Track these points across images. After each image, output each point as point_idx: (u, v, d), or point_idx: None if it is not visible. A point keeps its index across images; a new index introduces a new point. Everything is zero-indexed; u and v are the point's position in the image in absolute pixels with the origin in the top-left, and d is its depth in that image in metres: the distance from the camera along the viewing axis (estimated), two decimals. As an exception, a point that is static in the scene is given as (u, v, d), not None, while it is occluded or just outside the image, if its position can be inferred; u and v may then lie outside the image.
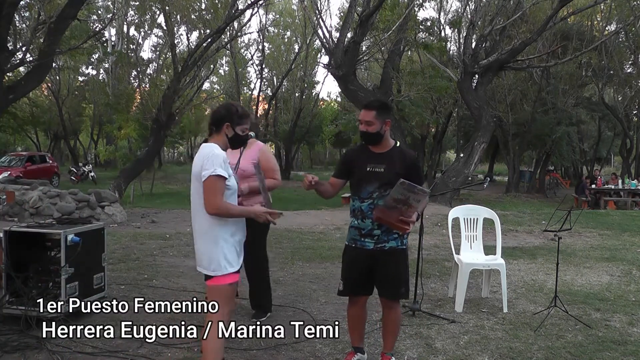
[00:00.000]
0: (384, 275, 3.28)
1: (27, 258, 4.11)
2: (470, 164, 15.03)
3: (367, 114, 3.21)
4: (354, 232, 3.31)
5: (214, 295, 2.89)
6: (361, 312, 3.45)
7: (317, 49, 31.14)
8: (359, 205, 3.25)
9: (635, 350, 3.87)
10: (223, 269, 2.87)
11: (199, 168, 2.85)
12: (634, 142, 28.38)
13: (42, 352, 3.58)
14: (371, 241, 3.25)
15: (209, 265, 2.89)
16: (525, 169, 29.28)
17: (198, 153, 2.94)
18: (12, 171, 18.37)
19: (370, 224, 3.22)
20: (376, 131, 3.21)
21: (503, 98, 23.66)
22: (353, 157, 3.38)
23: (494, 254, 5.07)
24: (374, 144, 3.28)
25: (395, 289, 3.30)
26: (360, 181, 3.25)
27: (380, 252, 3.25)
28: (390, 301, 3.35)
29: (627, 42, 23.99)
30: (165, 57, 32.37)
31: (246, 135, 3.06)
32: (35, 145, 36.40)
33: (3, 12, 10.25)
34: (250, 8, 18.25)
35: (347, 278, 3.36)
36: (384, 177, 3.19)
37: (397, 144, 3.36)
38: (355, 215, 3.28)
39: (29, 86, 12.75)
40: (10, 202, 9.79)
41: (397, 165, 3.20)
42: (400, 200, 3.02)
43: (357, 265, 3.30)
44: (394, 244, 3.27)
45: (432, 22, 22.45)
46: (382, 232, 3.23)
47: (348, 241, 3.37)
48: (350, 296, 3.40)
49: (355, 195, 3.29)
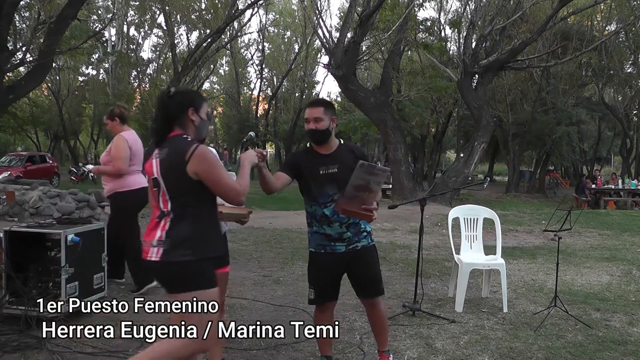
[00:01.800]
0: (362, 275, 3.23)
1: (27, 258, 4.11)
2: (470, 164, 15.03)
3: (315, 111, 3.11)
4: (320, 238, 3.17)
5: None
6: (330, 319, 3.32)
7: (317, 49, 31.19)
8: (321, 211, 3.13)
9: (635, 350, 3.87)
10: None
11: None
12: (634, 142, 28.39)
13: (42, 352, 3.58)
14: (342, 244, 3.16)
15: None
16: (525, 169, 29.31)
17: None
18: (12, 171, 18.34)
19: (338, 227, 3.12)
20: (325, 128, 3.11)
21: (503, 98, 23.66)
22: (302, 160, 3.22)
23: (494, 254, 5.06)
24: (323, 142, 3.16)
25: (376, 286, 3.25)
26: (319, 186, 3.12)
27: (353, 253, 3.18)
28: (374, 299, 3.29)
29: (627, 42, 24.00)
30: (165, 57, 32.43)
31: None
32: (36, 145, 36.39)
33: (3, 12, 10.25)
34: (250, 8, 18.30)
35: (319, 285, 3.23)
36: (339, 177, 3.09)
37: (342, 141, 3.28)
38: (320, 221, 3.15)
39: (29, 86, 12.75)
40: (10, 202, 9.79)
41: (350, 162, 3.08)
42: (361, 187, 2.92)
43: (329, 270, 3.20)
44: (365, 242, 3.22)
45: (432, 22, 22.47)
46: (352, 234, 3.16)
47: (314, 248, 3.22)
48: (322, 304, 3.28)
49: (314, 202, 3.15)
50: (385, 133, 15.59)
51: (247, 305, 4.78)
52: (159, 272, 2.51)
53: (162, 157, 2.51)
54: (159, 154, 2.54)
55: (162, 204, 2.49)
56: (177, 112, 2.57)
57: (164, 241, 2.43)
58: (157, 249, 2.44)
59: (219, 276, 2.94)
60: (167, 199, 2.48)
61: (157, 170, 2.52)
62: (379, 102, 15.31)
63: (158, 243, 2.45)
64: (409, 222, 10.40)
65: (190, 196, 2.46)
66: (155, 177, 2.52)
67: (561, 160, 26.51)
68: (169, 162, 2.47)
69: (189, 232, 2.43)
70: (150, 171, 2.56)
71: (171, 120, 2.57)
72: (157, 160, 2.53)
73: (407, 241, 8.54)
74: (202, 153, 2.43)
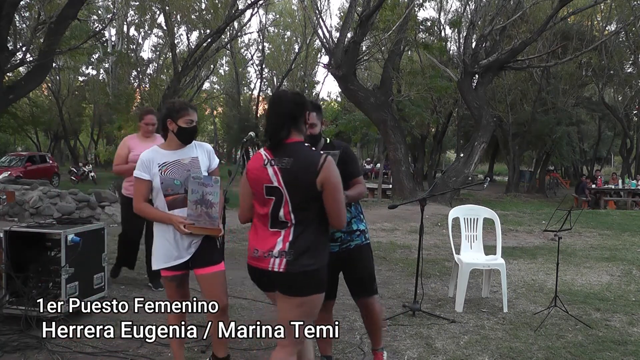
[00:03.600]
0: (356, 275, 3.23)
1: (27, 258, 4.11)
2: (470, 163, 15.04)
3: (310, 117, 3.11)
4: None
5: None
6: (329, 318, 3.33)
7: (317, 49, 31.21)
8: None
9: (635, 350, 3.87)
10: (154, 265, 3.08)
11: None
12: (634, 142, 28.39)
13: (42, 352, 3.58)
14: (335, 244, 3.16)
15: None
16: (525, 169, 29.29)
17: None
18: (12, 171, 18.36)
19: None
20: (318, 133, 3.16)
21: (503, 98, 23.66)
22: None
23: (494, 254, 5.06)
24: (314, 146, 3.20)
25: (370, 285, 3.26)
26: None
27: (346, 252, 3.19)
28: (368, 298, 3.30)
29: (627, 42, 24.00)
30: (165, 57, 32.42)
31: (193, 126, 3.08)
32: (36, 145, 36.40)
33: (3, 12, 10.25)
34: (250, 8, 18.29)
35: None
36: None
37: (328, 140, 3.27)
38: None
39: (29, 86, 12.75)
40: (10, 202, 9.79)
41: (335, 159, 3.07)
42: (199, 201, 2.92)
43: None
44: (359, 241, 3.23)
45: (432, 22, 22.45)
46: (344, 233, 3.17)
47: None
48: None
49: None
50: (385, 133, 15.60)
51: (247, 305, 4.77)
52: (282, 281, 2.46)
53: (286, 167, 2.41)
54: (276, 161, 2.44)
55: (283, 215, 2.44)
56: (299, 116, 2.49)
57: (287, 252, 2.41)
58: (280, 260, 2.42)
59: (212, 276, 3.06)
60: (290, 210, 2.43)
61: (277, 179, 2.42)
62: (379, 102, 15.31)
63: (280, 254, 2.42)
64: (409, 222, 10.40)
65: (314, 207, 2.44)
66: (273, 186, 2.44)
67: (561, 160, 26.51)
68: (297, 172, 2.40)
69: (311, 243, 2.43)
70: (265, 178, 2.46)
71: (292, 124, 2.47)
72: (277, 169, 2.43)
73: (407, 241, 8.54)
74: (332, 166, 2.43)
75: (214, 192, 2.93)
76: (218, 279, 3.07)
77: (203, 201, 2.92)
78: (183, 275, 3.09)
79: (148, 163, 3.02)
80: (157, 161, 3.02)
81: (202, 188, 2.92)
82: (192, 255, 3.03)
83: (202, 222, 2.94)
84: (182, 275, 3.09)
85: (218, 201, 2.94)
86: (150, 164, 3.02)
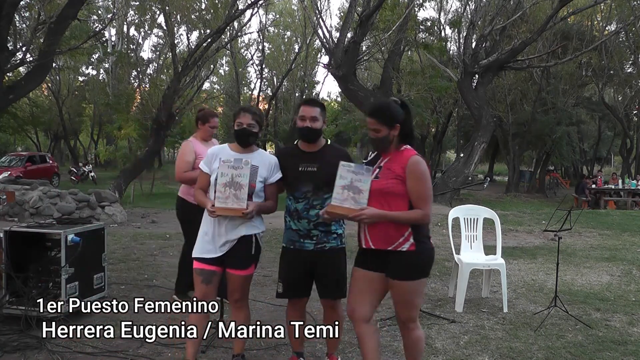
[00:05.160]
0: (326, 276, 3.22)
1: (27, 258, 4.12)
2: (470, 163, 15.04)
3: (313, 110, 3.15)
4: (291, 233, 3.21)
5: None
6: (302, 315, 3.35)
7: (317, 49, 31.18)
8: (295, 205, 3.18)
9: (635, 350, 3.87)
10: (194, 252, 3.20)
11: None
12: (634, 142, 28.39)
13: (42, 352, 3.58)
14: (311, 242, 3.17)
15: None
16: (525, 169, 29.30)
17: None
18: (12, 171, 18.39)
19: (306, 224, 3.14)
20: (319, 128, 3.17)
21: (503, 98, 23.67)
22: (282, 157, 3.30)
23: (494, 254, 5.06)
24: (314, 141, 3.21)
25: (339, 288, 3.25)
26: (294, 181, 3.18)
27: (320, 252, 3.18)
28: (333, 301, 3.30)
29: (627, 42, 24.01)
30: (165, 57, 32.37)
31: (242, 129, 3.17)
32: (36, 145, 36.41)
33: (3, 12, 10.24)
34: (250, 8, 18.25)
35: (287, 280, 3.25)
36: (317, 176, 3.12)
37: (329, 141, 3.31)
38: (292, 215, 3.19)
39: (29, 86, 12.74)
40: (10, 202, 9.79)
41: (331, 163, 2.99)
42: (228, 184, 2.99)
43: (297, 266, 3.21)
44: (335, 243, 3.22)
45: (432, 22, 22.49)
46: (322, 233, 3.17)
47: (285, 243, 3.27)
48: (291, 299, 3.32)
49: (291, 195, 3.22)
50: (385, 133, 15.56)
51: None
52: (412, 260, 2.82)
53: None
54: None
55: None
56: (410, 125, 2.97)
57: (413, 235, 2.82)
58: (407, 241, 2.82)
59: (237, 278, 3.22)
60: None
61: None
62: (379, 102, 15.28)
63: (407, 236, 2.82)
64: (409, 222, 10.38)
65: None
66: None
67: (561, 160, 26.53)
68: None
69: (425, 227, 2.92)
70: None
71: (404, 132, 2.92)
72: None
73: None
74: None
75: (244, 174, 3.00)
76: (243, 281, 3.21)
77: (232, 183, 3.00)
78: (211, 272, 3.13)
79: (212, 157, 3.17)
80: (221, 157, 3.09)
81: (231, 171, 3.01)
82: (227, 256, 3.12)
83: (230, 203, 3.00)
84: (210, 272, 3.13)
85: (247, 182, 3.01)
86: (213, 159, 3.14)
